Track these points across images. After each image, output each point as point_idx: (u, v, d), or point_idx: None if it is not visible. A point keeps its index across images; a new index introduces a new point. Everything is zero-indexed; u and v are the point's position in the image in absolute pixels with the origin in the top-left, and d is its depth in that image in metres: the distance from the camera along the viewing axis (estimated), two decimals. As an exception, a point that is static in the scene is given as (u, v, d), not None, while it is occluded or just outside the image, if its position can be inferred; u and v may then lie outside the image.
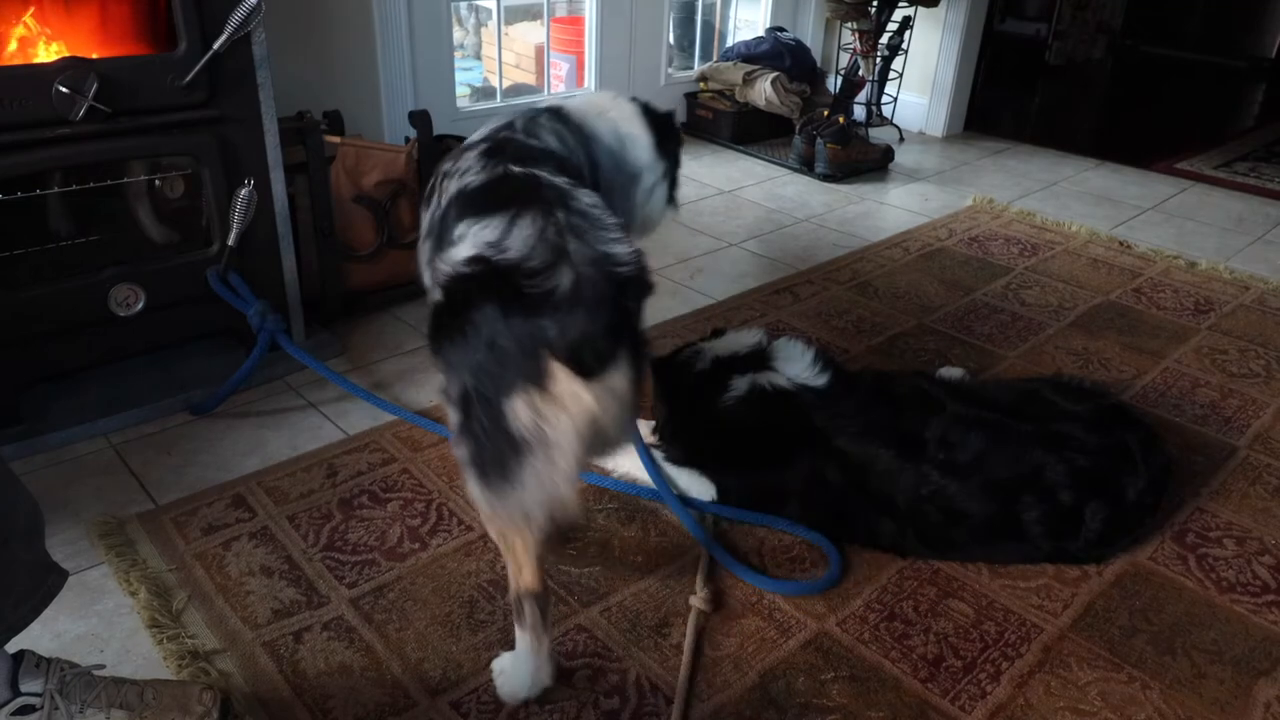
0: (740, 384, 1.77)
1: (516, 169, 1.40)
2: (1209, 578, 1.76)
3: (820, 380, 1.77)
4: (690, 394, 1.85)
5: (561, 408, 1.20)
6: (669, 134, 1.95)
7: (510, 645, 1.50)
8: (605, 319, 1.18)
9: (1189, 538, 1.86)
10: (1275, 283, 3.05)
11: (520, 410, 1.20)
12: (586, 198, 1.33)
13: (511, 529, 1.32)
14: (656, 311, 2.72)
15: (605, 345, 1.19)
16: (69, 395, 2.13)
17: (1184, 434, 2.21)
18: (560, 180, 1.37)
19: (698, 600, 1.63)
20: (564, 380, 1.18)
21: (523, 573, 1.37)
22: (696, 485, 1.84)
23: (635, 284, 1.23)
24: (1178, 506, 1.94)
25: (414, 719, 1.42)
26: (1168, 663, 1.57)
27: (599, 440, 1.28)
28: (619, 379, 1.23)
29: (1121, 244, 3.34)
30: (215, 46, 1.99)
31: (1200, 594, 1.72)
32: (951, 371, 2.32)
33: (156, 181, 2.22)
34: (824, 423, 1.71)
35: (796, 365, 1.78)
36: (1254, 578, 1.77)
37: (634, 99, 1.95)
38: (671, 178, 1.95)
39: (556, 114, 1.74)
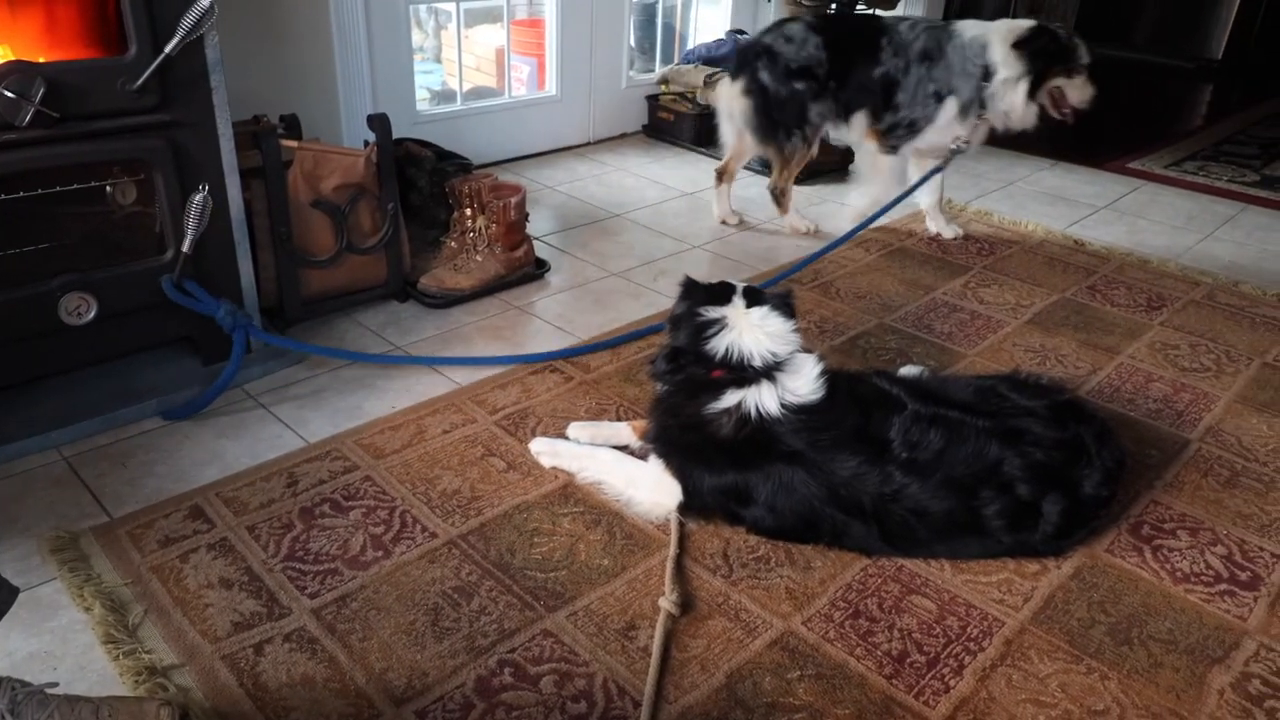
0: (731, 398, 1.76)
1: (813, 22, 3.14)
2: (1164, 568, 1.80)
3: (816, 396, 1.76)
4: (685, 380, 1.83)
5: (722, 91, 3.27)
6: (1029, 45, 2.90)
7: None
8: (740, 68, 3.16)
9: (1144, 529, 1.90)
10: (1224, 279, 3.12)
11: (712, 90, 3.68)
12: (795, 30, 3.08)
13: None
14: (619, 314, 2.72)
15: (736, 71, 3.16)
16: (18, 407, 2.07)
17: (1138, 428, 2.25)
18: (795, 32, 3.08)
19: (666, 603, 1.63)
20: (725, 79, 3.26)
21: (723, 159, 3.44)
22: (662, 485, 1.84)
23: (763, 55, 3.09)
24: (1133, 499, 1.98)
25: (379, 729, 1.41)
26: (1125, 653, 1.60)
27: (739, 116, 3.20)
28: (738, 85, 3.15)
29: (1076, 242, 3.40)
30: (167, 50, 1.95)
31: (1156, 585, 1.76)
32: (912, 370, 2.35)
33: (108, 187, 2.18)
34: (799, 443, 1.72)
35: (800, 379, 1.77)
36: (1207, 568, 1.81)
37: (1014, 24, 2.98)
38: (1032, 80, 2.93)
39: (935, 23, 3.08)
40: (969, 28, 3.00)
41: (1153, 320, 2.82)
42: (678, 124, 4.32)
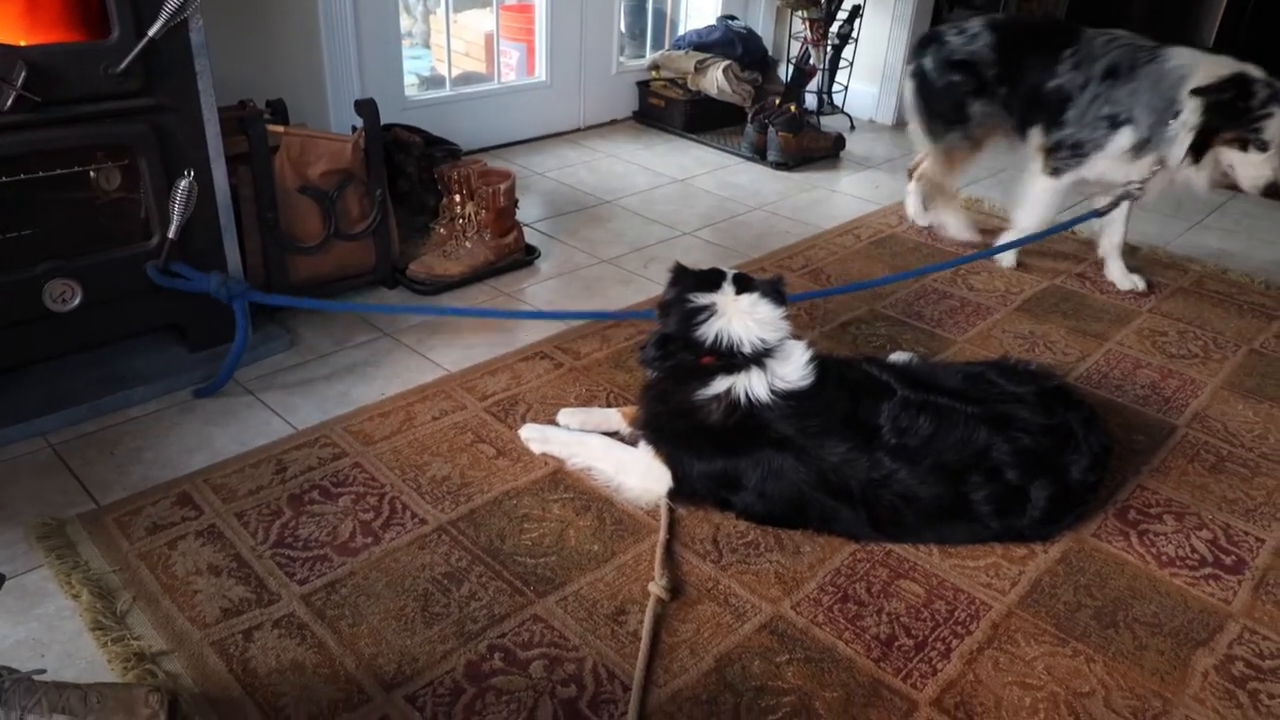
0: (720, 384, 1.76)
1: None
2: (1150, 552, 1.81)
3: (805, 382, 1.76)
4: (674, 366, 1.82)
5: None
6: (1207, 94, 2.39)
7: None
8: (913, 52, 3.13)
9: (1131, 514, 1.91)
10: (1212, 266, 3.14)
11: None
12: (973, 24, 2.94)
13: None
14: (609, 300, 2.71)
15: (910, 55, 3.19)
16: (4, 394, 2.06)
17: (1126, 414, 2.26)
18: (970, 25, 2.95)
19: (656, 587, 1.63)
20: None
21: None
22: (652, 471, 1.84)
23: (932, 41, 3.04)
24: (1120, 484, 2.00)
25: (368, 714, 1.41)
26: (1110, 636, 1.61)
27: (907, 101, 3.17)
28: (909, 68, 3.11)
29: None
30: (150, 33, 1.93)
31: (1141, 568, 1.77)
32: (901, 356, 2.35)
33: (92, 173, 2.16)
34: (789, 429, 1.72)
35: (789, 366, 1.77)
36: (1192, 552, 1.82)
37: (1219, 63, 2.44)
38: (1196, 137, 2.42)
39: (1138, 40, 2.68)
40: (1178, 55, 2.53)
41: (1141, 307, 2.83)
42: (669, 110, 4.31)
